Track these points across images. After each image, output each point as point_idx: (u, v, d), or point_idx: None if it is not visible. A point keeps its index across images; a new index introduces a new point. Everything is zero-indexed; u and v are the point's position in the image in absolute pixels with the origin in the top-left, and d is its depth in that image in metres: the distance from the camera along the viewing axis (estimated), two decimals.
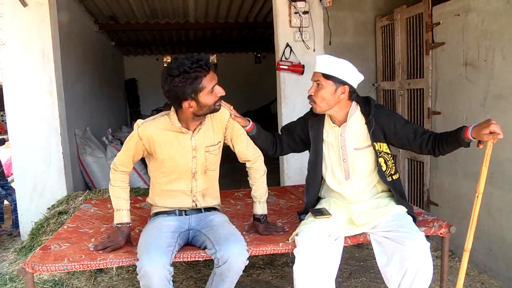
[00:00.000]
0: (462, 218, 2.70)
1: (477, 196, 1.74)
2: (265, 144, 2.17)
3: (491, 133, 1.69)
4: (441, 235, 2.07)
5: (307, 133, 2.12)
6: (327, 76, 1.90)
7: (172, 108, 1.90)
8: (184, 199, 2.00)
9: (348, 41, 3.73)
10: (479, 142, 1.75)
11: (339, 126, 2.01)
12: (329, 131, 2.05)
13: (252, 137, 2.10)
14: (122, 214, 1.97)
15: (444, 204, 3.00)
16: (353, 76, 1.92)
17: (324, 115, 2.05)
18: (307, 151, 2.21)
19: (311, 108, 2.08)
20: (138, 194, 3.61)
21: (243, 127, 2.05)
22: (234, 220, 2.24)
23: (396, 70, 3.48)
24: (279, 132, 2.29)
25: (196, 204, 2.02)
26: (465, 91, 2.69)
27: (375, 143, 1.97)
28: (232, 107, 2.00)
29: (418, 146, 1.96)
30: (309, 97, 1.97)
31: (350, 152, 2.01)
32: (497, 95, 2.44)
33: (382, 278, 1.88)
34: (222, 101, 1.90)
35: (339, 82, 1.90)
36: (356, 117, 2.00)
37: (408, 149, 2.09)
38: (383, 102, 3.72)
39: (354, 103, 1.99)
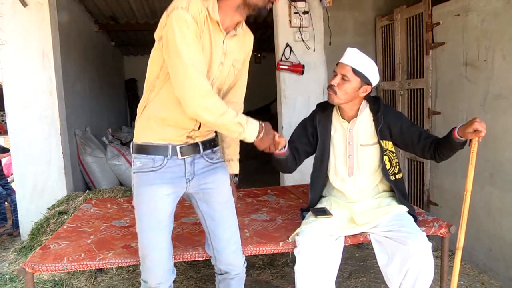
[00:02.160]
0: None
1: (466, 194, 1.75)
2: (292, 161, 2.03)
3: (475, 131, 1.70)
4: (441, 235, 2.07)
5: (316, 128, 2.09)
6: (357, 72, 1.88)
7: None
8: (182, 123, 1.59)
9: (348, 41, 3.72)
10: (470, 141, 1.76)
11: (348, 122, 2.01)
12: (337, 127, 2.05)
13: (283, 160, 1.94)
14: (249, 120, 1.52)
15: (444, 204, 3.00)
16: (377, 78, 1.94)
17: (332, 111, 2.06)
18: None
19: (317, 105, 2.09)
20: None
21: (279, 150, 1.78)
22: None
23: (396, 70, 3.49)
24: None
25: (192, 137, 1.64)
26: (465, 91, 2.69)
27: (381, 141, 1.98)
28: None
29: (421, 149, 1.97)
30: (330, 87, 1.92)
31: (356, 148, 2.01)
32: (497, 95, 2.44)
33: (382, 278, 1.88)
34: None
35: (365, 81, 1.90)
36: (365, 114, 2.01)
37: (411, 151, 2.09)
38: None
39: (364, 100, 2.01)
